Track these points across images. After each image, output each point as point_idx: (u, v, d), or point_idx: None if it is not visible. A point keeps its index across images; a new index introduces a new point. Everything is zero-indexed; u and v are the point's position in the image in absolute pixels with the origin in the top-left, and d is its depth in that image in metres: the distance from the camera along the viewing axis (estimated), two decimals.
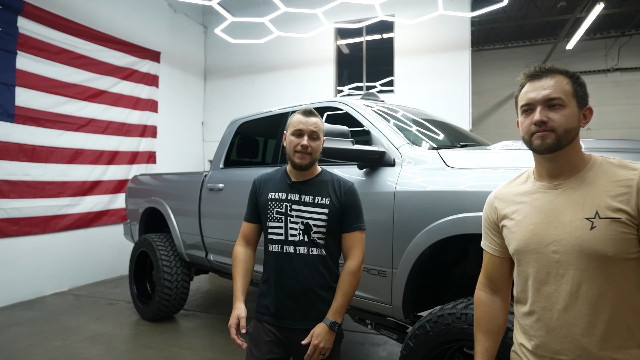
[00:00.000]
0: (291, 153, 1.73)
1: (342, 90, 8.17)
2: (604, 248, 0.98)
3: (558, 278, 1.05)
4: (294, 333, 1.70)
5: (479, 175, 1.98)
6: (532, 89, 1.11)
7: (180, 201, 4.18)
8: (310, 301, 1.71)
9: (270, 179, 1.84)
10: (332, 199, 1.74)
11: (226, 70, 8.76)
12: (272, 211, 1.74)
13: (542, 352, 1.10)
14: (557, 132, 1.06)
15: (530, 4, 8.86)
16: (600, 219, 1.00)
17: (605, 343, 1.00)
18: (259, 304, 1.81)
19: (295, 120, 1.74)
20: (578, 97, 1.10)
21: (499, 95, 11.87)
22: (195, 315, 4.59)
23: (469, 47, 7.10)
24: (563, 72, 1.13)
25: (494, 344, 1.27)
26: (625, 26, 10.09)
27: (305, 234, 1.71)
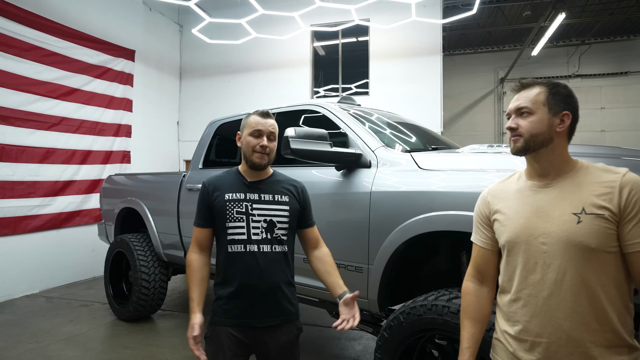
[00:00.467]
0: (249, 153, 1.73)
1: (318, 92, 8.30)
2: (587, 240, 1.10)
3: (545, 267, 1.17)
4: (258, 332, 1.69)
5: (449, 177, 2.14)
6: (512, 101, 1.28)
7: (158, 201, 4.19)
8: (275, 298, 1.72)
9: (222, 181, 1.79)
10: (290, 197, 1.79)
11: (202, 69, 8.72)
12: (231, 212, 1.70)
13: (525, 336, 1.20)
14: (524, 136, 1.21)
15: (498, 12, 9.25)
16: (586, 214, 1.12)
17: (584, 327, 1.12)
18: (217, 308, 1.73)
19: (252, 121, 1.75)
20: (550, 104, 1.21)
21: (469, 98, 12.31)
22: (172, 315, 4.60)
23: (440, 52, 7.36)
24: (542, 84, 1.25)
25: (479, 331, 1.37)
26: (585, 35, 10.68)
27: (268, 231, 1.72)
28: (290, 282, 1.79)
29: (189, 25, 8.70)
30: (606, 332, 1.11)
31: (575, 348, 1.12)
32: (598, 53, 11.19)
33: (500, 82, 12.03)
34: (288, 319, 1.75)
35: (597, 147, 2.52)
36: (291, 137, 2.37)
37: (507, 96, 12.03)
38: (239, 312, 1.69)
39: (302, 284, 2.81)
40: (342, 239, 2.53)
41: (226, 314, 1.70)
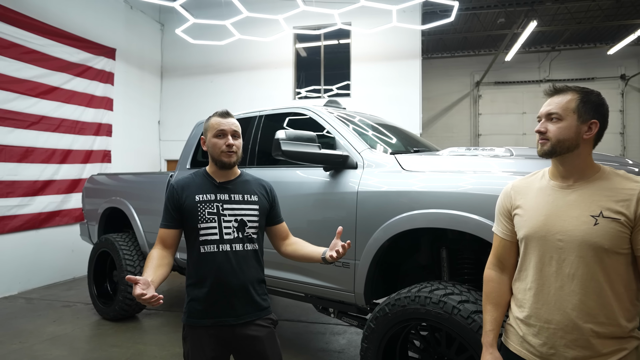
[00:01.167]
0: (217, 154, 1.75)
1: (299, 93, 8.41)
2: (602, 241, 1.19)
3: (559, 262, 1.26)
4: (236, 328, 1.71)
5: (431, 178, 2.31)
6: (544, 105, 1.36)
7: (144, 201, 4.22)
8: (249, 295, 1.74)
9: (191, 183, 1.79)
10: (259, 197, 1.82)
11: (183, 69, 8.70)
12: (203, 212, 1.71)
13: (535, 322, 1.31)
14: (551, 140, 1.29)
15: (474, 19, 9.59)
16: (604, 217, 1.20)
17: (590, 318, 1.21)
18: (191, 309, 1.72)
19: (214, 123, 1.77)
20: (580, 112, 1.28)
21: (446, 100, 12.66)
22: (157, 313, 4.63)
23: (419, 57, 7.60)
24: (575, 90, 1.31)
25: (500, 315, 1.46)
26: (555, 42, 11.18)
27: (239, 230, 1.74)
28: (262, 279, 1.83)
29: (171, 24, 8.66)
30: (611, 325, 1.21)
31: (580, 335, 1.23)
32: (567, 59, 11.72)
33: (476, 86, 12.42)
34: (262, 313, 1.78)
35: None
36: (282, 140, 2.48)
37: (482, 99, 12.45)
38: (216, 311, 1.69)
39: (288, 279, 2.93)
40: (330, 236, 2.64)
41: (203, 314, 1.70)
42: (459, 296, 2.06)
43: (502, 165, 2.21)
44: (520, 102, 12.20)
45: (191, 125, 8.62)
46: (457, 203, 2.13)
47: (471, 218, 2.07)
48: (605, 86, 11.73)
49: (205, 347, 1.69)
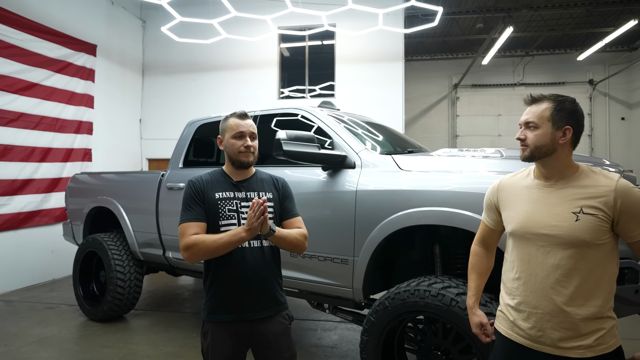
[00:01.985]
0: (235, 154, 1.81)
1: (282, 92, 8.45)
2: (583, 235, 1.32)
3: (545, 254, 1.39)
4: (254, 324, 1.76)
5: (428, 177, 2.42)
6: (523, 114, 1.49)
7: (134, 200, 4.19)
8: (266, 291, 1.79)
9: (210, 181, 1.83)
10: (273, 193, 1.88)
11: (166, 67, 8.59)
12: (224, 209, 1.76)
13: (524, 308, 1.43)
14: (530, 147, 1.42)
15: (454, 23, 9.87)
16: (584, 214, 1.33)
17: (572, 301, 1.35)
18: (211, 305, 1.77)
19: (233, 124, 1.82)
20: (554, 120, 1.40)
21: (425, 102, 12.95)
22: (146, 314, 4.60)
23: (402, 59, 7.78)
24: (550, 99, 1.43)
25: (482, 282, 1.70)
26: (529, 47, 11.62)
27: None
28: (279, 275, 1.88)
29: (153, 21, 8.54)
30: (591, 307, 1.34)
31: (565, 318, 1.36)
32: (540, 64, 12.21)
33: (454, 88, 12.76)
34: (280, 309, 1.83)
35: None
36: (283, 140, 2.54)
37: (460, 101, 12.80)
38: (234, 306, 1.74)
39: (284, 277, 2.98)
40: (329, 234, 2.74)
41: (222, 310, 1.75)
42: (456, 289, 2.18)
43: (493, 166, 2.35)
44: (496, 105, 12.62)
45: (174, 124, 8.56)
46: (453, 201, 2.25)
47: (466, 215, 2.19)
48: (575, 90, 12.29)
49: (225, 342, 1.74)
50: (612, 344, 1.37)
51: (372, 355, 2.40)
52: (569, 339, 1.36)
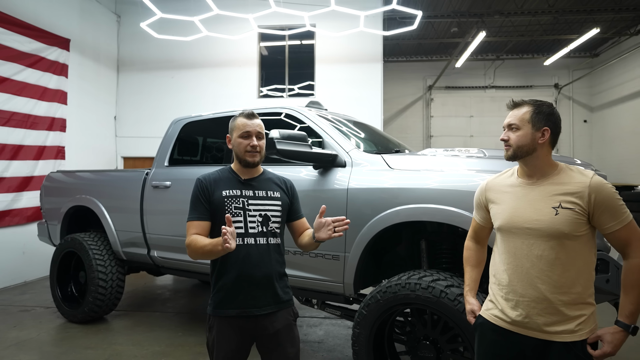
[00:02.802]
0: (242, 153, 1.85)
1: (261, 91, 8.44)
2: (562, 227, 1.45)
3: (529, 246, 1.52)
4: (259, 319, 1.80)
5: (417, 175, 2.53)
6: (506, 117, 1.62)
7: (117, 199, 4.11)
8: (271, 287, 1.83)
9: (218, 178, 1.87)
10: (281, 193, 1.93)
11: (142, 63, 8.41)
12: (230, 207, 1.80)
13: (511, 297, 1.55)
14: (513, 147, 1.56)
15: (429, 26, 10.14)
16: (562, 208, 1.46)
17: (556, 289, 1.47)
18: (217, 300, 1.81)
19: (240, 124, 1.86)
20: (533, 122, 1.53)
21: (401, 103, 13.23)
22: (127, 314, 4.52)
23: (381, 60, 7.94)
24: (529, 103, 1.57)
25: (477, 274, 1.83)
26: (500, 51, 12.08)
27: (263, 225, 1.83)
28: (284, 272, 1.92)
29: (128, 16, 8.35)
30: (572, 294, 1.47)
31: (549, 305, 1.48)
32: (509, 68, 12.71)
33: (428, 89, 13.10)
34: (284, 305, 1.87)
35: None
36: (276, 139, 2.59)
37: (434, 102, 13.15)
38: (240, 301, 1.78)
39: None
40: None
41: (228, 304, 1.79)
42: (445, 281, 2.30)
43: (478, 165, 2.48)
44: (468, 106, 13.04)
45: (150, 121, 8.41)
46: (443, 198, 2.37)
47: (454, 211, 2.31)
48: (541, 94, 12.87)
49: (229, 336, 1.79)
50: (592, 329, 1.50)
51: (364, 347, 2.49)
52: (553, 324, 1.49)
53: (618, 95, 11.34)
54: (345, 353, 3.54)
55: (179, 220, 3.60)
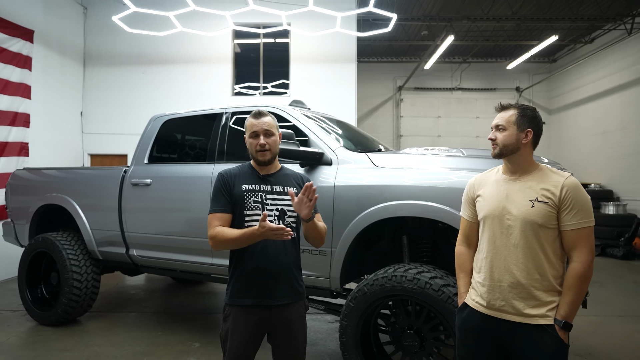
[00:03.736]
0: (253, 153, 1.94)
1: (235, 89, 8.39)
2: (537, 219, 1.60)
3: (508, 235, 1.66)
4: (273, 310, 1.87)
5: (400, 173, 2.65)
6: (494, 119, 1.76)
7: (92, 197, 4.01)
8: (286, 279, 1.90)
9: (238, 173, 1.97)
10: (297, 189, 1.98)
11: (110, 57, 8.15)
12: (249, 200, 1.89)
13: (490, 282, 1.70)
14: (499, 145, 1.70)
15: (400, 28, 10.39)
16: (538, 202, 1.61)
17: (530, 276, 1.61)
18: (233, 290, 1.89)
19: (248, 124, 1.95)
20: (518, 124, 1.69)
21: (372, 103, 13.47)
22: (102, 315, 4.41)
23: (355, 61, 8.09)
24: (515, 107, 1.73)
25: (469, 279, 1.87)
26: (466, 55, 12.55)
27: (280, 219, 1.91)
28: (299, 265, 2.00)
29: (95, 8, 8.07)
30: (544, 281, 1.61)
31: (523, 290, 1.62)
32: (475, 71, 13.23)
33: (398, 90, 13.41)
34: (297, 298, 1.95)
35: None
36: None
37: (404, 103, 13.49)
38: (255, 293, 1.86)
39: None
40: None
41: (244, 294, 1.87)
42: (429, 273, 2.43)
43: (458, 163, 2.63)
44: (436, 107, 13.47)
45: (119, 118, 8.17)
46: (426, 194, 2.50)
47: (438, 207, 2.45)
48: (504, 96, 13.47)
49: (244, 325, 1.86)
50: None
51: (352, 339, 2.59)
52: (527, 308, 1.63)
53: (574, 99, 12.08)
54: (328, 346, 3.64)
55: (161, 218, 3.57)
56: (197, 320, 4.33)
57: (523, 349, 1.62)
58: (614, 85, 10.44)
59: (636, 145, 9.72)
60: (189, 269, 3.52)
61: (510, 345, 1.66)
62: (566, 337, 1.58)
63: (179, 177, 3.51)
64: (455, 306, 2.28)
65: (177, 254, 3.50)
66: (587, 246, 1.59)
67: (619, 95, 10.29)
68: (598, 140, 11.00)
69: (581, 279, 1.57)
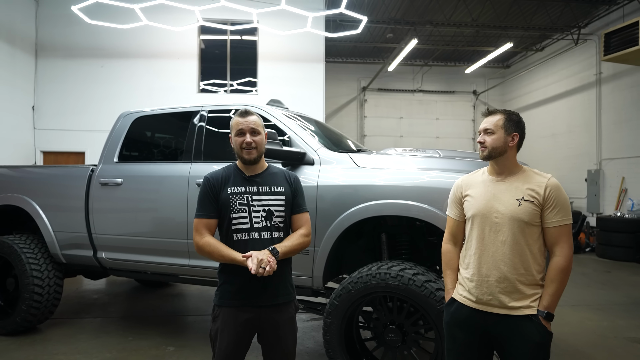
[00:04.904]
0: (239, 151, 1.91)
1: (199, 86, 8.20)
2: (523, 217, 1.70)
3: (496, 232, 1.75)
4: (263, 311, 1.87)
5: (382, 173, 2.73)
6: (482, 123, 1.86)
7: (55, 197, 3.79)
8: (276, 280, 1.88)
9: (224, 176, 1.94)
10: (285, 187, 1.98)
11: (66, 49, 7.70)
12: (234, 203, 1.87)
13: (478, 278, 1.78)
14: (488, 148, 1.79)
15: (365, 30, 10.55)
16: (525, 201, 1.71)
17: (516, 271, 1.71)
18: (223, 291, 1.89)
19: (234, 123, 1.93)
20: (505, 128, 1.79)
21: (336, 103, 13.61)
22: (64, 322, 4.18)
23: (323, 61, 8.16)
24: (502, 112, 1.83)
25: (456, 276, 1.94)
26: (428, 58, 12.98)
27: (267, 220, 1.90)
28: (289, 266, 1.99)
29: None
30: (528, 275, 1.72)
31: (509, 284, 1.72)
32: (435, 74, 13.72)
33: (362, 90, 13.64)
34: (287, 298, 1.95)
35: (463, 152, 3.46)
36: None
37: (368, 103, 13.74)
38: (244, 294, 1.86)
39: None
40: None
41: (233, 295, 1.86)
42: (412, 270, 2.52)
43: (436, 164, 2.75)
44: (399, 108, 13.83)
45: (75, 113, 7.77)
46: (410, 194, 2.59)
47: (424, 207, 2.54)
48: (462, 99, 14.10)
49: (233, 326, 1.84)
50: None
51: (336, 336, 2.63)
52: (513, 301, 1.74)
53: (525, 103, 12.83)
54: (305, 345, 3.66)
55: (134, 219, 3.44)
56: (168, 323, 4.21)
57: (509, 339, 1.72)
58: (562, 91, 11.21)
59: (581, 147, 10.50)
60: (164, 271, 3.42)
61: (496, 336, 1.77)
62: (549, 326, 1.71)
63: (154, 177, 3.40)
64: (437, 301, 2.39)
65: (151, 256, 3.39)
66: (568, 242, 1.72)
67: (566, 101, 11.06)
68: (547, 142, 11.76)
69: (564, 271, 1.70)
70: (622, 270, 7.26)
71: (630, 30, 6.59)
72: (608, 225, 8.33)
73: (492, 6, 9.18)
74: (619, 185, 9.26)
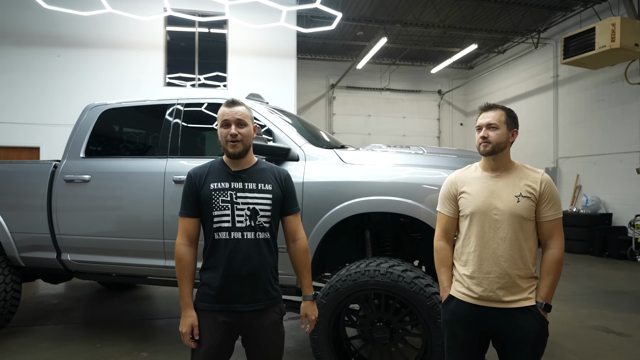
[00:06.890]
0: (224, 144, 1.77)
1: (166, 79, 7.88)
2: (522, 213, 1.73)
3: (495, 229, 1.76)
4: (244, 315, 1.76)
5: (369, 169, 2.70)
6: (482, 117, 1.83)
7: (12, 195, 3.49)
8: (259, 284, 1.78)
9: (207, 171, 1.83)
10: (273, 185, 1.85)
11: (18, 36, 7.15)
12: (217, 200, 1.75)
13: (478, 275, 1.77)
14: (492, 143, 1.77)
15: (335, 27, 10.55)
16: (522, 197, 1.74)
17: (515, 266, 1.73)
18: (203, 294, 1.78)
19: (220, 113, 1.79)
20: (507, 124, 1.80)
21: (305, 99, 13.53)
22: (22, 330, 3.87)
23: (295, 57, 8.06)
24: (501, 108, 1.84)
25: (451, 272, 1.94)
26: (395, 57, 13.16)
27: (251, 219, 1.78)
28: (274, 268, 1.87)
29: None
30: (526, 269, 1.75)
31: (509, 279, 1.74)
32: (402, 73, 13.95)
33: (331, 88, 13.64)
34: (271, 303, 1.82)
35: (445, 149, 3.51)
36: None
37: (336, 100, 13.76)
38: (225, 297, 1.74)
39: None
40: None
41: (212, 299, 1.75)
42: (400, 267, 2.51)
43: (422, 160, 2.76)
44: (367, 106, 13.96)
45: (29, 105, 7.25)
46: (396, 190, 2.58)
47: (411, 204, 2.54)
48: (427, 98, 14.43)
49: (212, 331, 1.73)
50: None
51: (324, 335, 2.58)
52: (512, 295, 1.77)
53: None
54: (287, 344, 3.57)
55: (103, 218, 3.23)
56: (138, 328, 4.00)
57: (510, 331, 1.75)
58: (521, 92, 11.72)
59: (539, 146, 11.02)
60: (137, 272, 3.24)
61: (497, 330, 1.78)
62: (546, 316, 1.75)
63: (126, 173, 3.20)
64: (427, 297, 2.39)
65: (122, 257, 3.19)
66: (561, 234, 1.78)
67: (525, 102, 11.58)
68: None
69: (559, 263, 1.75)
70: (579, 262, 7.70)
71: (587, 35, 6.97)
72: (564, 220, 8.63)
73: (459, 8, 9.42)
74: (574, 183, 9.81)
